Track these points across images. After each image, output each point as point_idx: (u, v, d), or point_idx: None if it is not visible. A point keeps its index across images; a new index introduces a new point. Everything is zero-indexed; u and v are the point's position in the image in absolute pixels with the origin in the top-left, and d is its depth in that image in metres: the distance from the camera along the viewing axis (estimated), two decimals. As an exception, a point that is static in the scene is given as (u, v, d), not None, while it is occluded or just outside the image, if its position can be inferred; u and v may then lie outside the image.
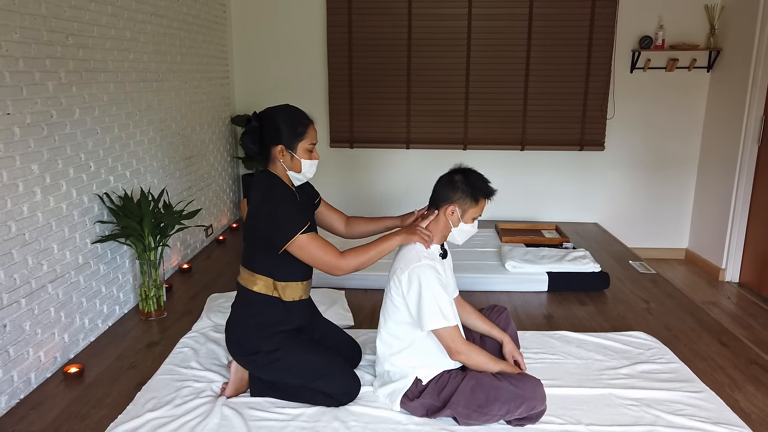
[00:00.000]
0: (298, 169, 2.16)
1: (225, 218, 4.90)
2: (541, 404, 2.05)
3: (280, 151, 2.13)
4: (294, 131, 2.12)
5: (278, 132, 2.11)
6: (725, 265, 4.71)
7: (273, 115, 2.14)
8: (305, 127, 2.15)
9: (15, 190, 2.31)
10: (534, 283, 3.58)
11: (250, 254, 2.20)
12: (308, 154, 2.16)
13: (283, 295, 2.19)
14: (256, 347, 2.18)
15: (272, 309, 2.19)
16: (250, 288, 2.19)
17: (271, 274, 2.17)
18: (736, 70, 4.57)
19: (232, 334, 2.24)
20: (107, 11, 2.97)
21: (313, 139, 2.18)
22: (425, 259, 2.08)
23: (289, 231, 2.05)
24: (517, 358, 2.27)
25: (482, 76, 4.96)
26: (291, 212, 2.08)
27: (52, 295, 2.56)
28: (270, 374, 2.22)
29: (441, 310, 2.02)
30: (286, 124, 2.12)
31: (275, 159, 2.15)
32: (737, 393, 2.43)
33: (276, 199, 2.09)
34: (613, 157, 5.12)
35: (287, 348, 2.18)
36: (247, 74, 5.11)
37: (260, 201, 2.12)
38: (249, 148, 2.15)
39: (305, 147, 2.15)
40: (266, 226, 2.07)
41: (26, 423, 2.18)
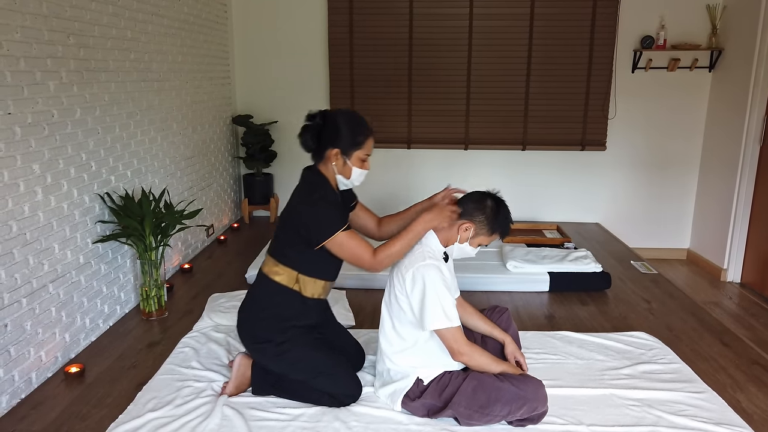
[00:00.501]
0: (348, 176, 2.19)
1: (226, 218, 4.90)
2: (543, 405, 2.05)
3: (336, 154, 2.14)
4: (354, 139, 2.14)
5: (338, 136, 2.13)
6: (727, 266, 4.70)
7: (337, 118, 2.15)
8: (365, 137, 2.17)
9: (16, 189, 2.31)
10: (535, 283, 3.57)
11: (279, 245, 2.21)
12: (360, 164, 2.18)
13: (303, 290, 2.19)
14: (267, 337, 2.19)
15: (290, 302, 2.20)
16: (272, 278, 2.20)
17: (297, 268, 2.18)
18: (737, 70, 4.56)
19: (246, 320, 2.25)
20: (108, 11, 2.97)
21: (369, 150, 2.19)
22: (430, 259, 2.08)
23: (330, 229, 2.07)
24: (519, 358, 2.27)
25: (484, 76, 4.96)
26: (332, 211, 2.11)
27: (53, 294, 2.55)
28: (276, 366, 2.23)
29: (444, 310, 2.02)
30: (347, 130, 2.14)
31: (328, 160, 2.16)
32: (739, 393, 2.42)
33: (320, 198, 2.12)
34: (615, 157, 5.11)
35: (297, 342, 2.20)
36: (248, 74, 5.11)
37: (304, 197, 2.14)
38: (307, 143, 2.17)
39: (359, 156, 2.17)
40: (307, 222, 2.09)
41: (27, 423, 2.18)
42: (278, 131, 5.17)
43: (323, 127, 2.15)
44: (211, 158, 4.49)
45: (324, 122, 2.15)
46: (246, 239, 4.61)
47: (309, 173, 2.21)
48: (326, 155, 2.16)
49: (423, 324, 2.05)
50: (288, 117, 5.16)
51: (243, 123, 4.88)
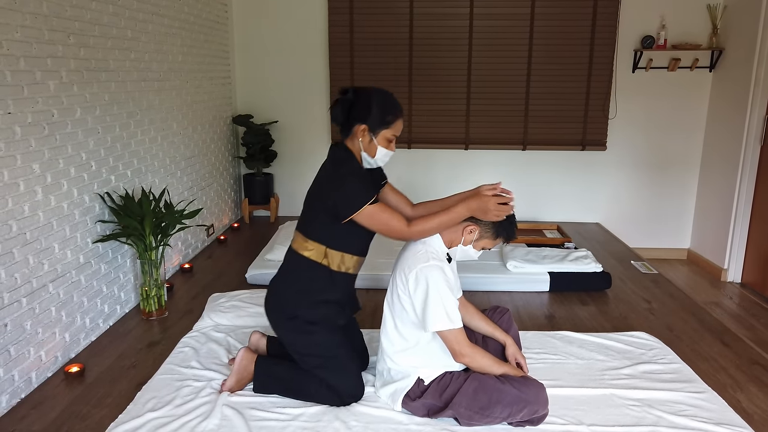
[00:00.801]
0: (373, 154, 2.17)
1: (226, 218, 4.90)
2: (544, 408, 2.05)
3: (363, 130, 2.13)
4: (383, 117, 2.12)
5: (369, 112, 2.12)
6: (727, 266, 4.70)
7: (370, 95, 2.14)
8: (395, 117, 2.15)
9: (16, 189, 2.31)
10: (535, 283, 3.57)
11: (308, 220, 2.21)
12: (387, 143, 2.17)
13: (331, 263, 2.18)
14: (294, 312, 2.19)
15: (318, 276, 2.19)
16: (301, 253, 2.20)
17: (326, 242, 2.17)
18: (738, 70, 4.56)
19: (274, 295, 2.26)
20: (109, 10, 2.97)
21: (397, 131, 2.18)
22: (433, 260, 2.07)
23: (356, 202, 2.06)
24: (520, 360, 2.26)
25: (484, 76, 4.96)
26: (359, 185, 2.09)
27: (53, 294, 2.55)
28: (295, 343, 2.23)
29: (447, 312, 2.01)
30: (378, 108, 2.12)
31: (355, 136, 2.15)
32: (739, 393, 2.42)
33: (347, 172, 2.11)
34: (615, 157, 5.11)
35: (325, 327, 2.20)
36: (248, 74, 5.11)
37: (331, 171, 2.14)
38: (336, 117, 2.16)
39: (386, 136, 2.15)
40: (334, 196, 2.09)
41: (27, 422, 2.18)
42: (278, 131, 5.17)
43: (354, 102, 2.14)
44: (211, 158, 4.49)
45: (356, 97, 2.14)
46: (246, 239, 4.61)
47: (336, 149, 2.20)
48: (354, 130, 2.14)
49: (425, 325, 2.04)
50: (288, 117, 5.16)
51: (243, 123, 4.88)
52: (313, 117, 5.16)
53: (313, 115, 5.16)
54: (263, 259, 3.77)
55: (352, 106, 2.13)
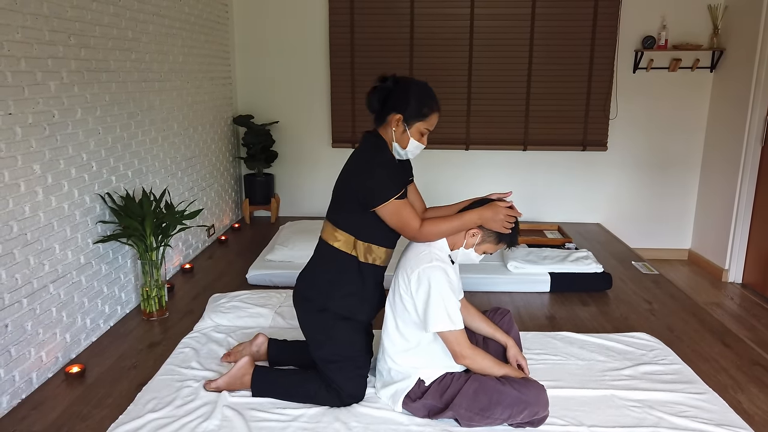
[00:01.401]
0: (404, 145, 2.16)
1: (227, 218, 4.90)
2: (544, 410, 2.05)
3: (398, 120, 2.11)
4: (419, 109, 2.11)
5: (406, 102, 2.10)
6: (728, 266, 4.69)
7: (408, 85, 2.13)
8: (431, 110, 2.13)
9: (17, 190, 2.31)
10: (536, 284, 3.57)
11: (337, 209, 2.20)
12: (419, 137, 2.15)
13: (360, 255, 2.18)
14: (325, 304, 2.19)
15: (346, 266, 2.18)
16: (330, 243, 2.20)
17: (355, 233, 2.16)
18: (739, 70, 4.56)
19: (304, 286, 2.25)
20: (109, 11, 2.97)
21: (431, 125, 2.16)
22: (436, 261, 2.07)
23: (384, 194, 2.05)
24: (521, 361, 2.26)
25: (485, 76, 4.96)
26: (390, 176, 2.09)
27: (53, 295, 2.56)
28: (318, 336, 2.22)
29: (448, 313, 2.01)
30: (416, 99, 2.11)
31: (389, 125, 2.14)
32: (740, 394, 2.42)
33: (380, 162, 2.10)
34: (616, 157, 5.11)
35: (350, 324, 2.20)
36: (249, 74, 5.11)
37: (363, 159, 2.13)
38: (372, 104, 2.15)
39: (420, 129, 2.14)
40: (363, 185, 2.08)
41: (28, 423, 2.18)
42: (279, 131, 5.17)
43: (392, 90, 2.12)
44: (212, 158, 4.49)
45: (394, 86, 2.13)
46: (247, 239, 4.61)
47: (369, 136, 2.19)
48: (388, 119, 2.13)
49: (426, 326, 2.04)
50: (289, 117, 5.16)
51: (244, 123, 4.88)
52: (314, 117, 5.16)
53: (314, 115, 5.16)
54: (264, 259, 3.77)
55: (389, 94, 2.12)
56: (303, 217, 5.24)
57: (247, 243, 4.50)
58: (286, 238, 3.92)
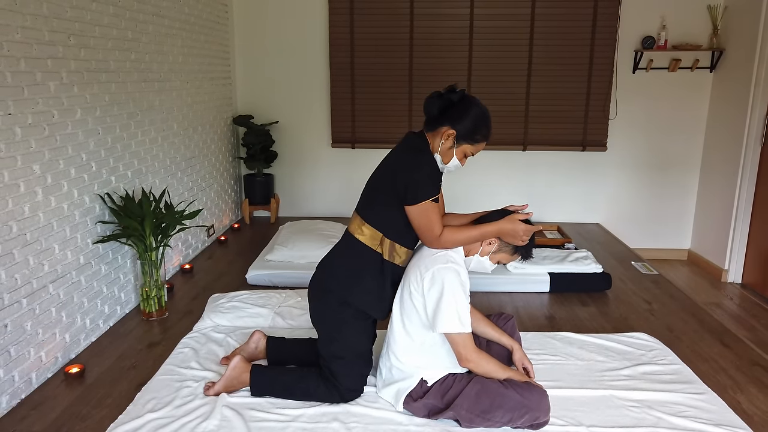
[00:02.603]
0: (447, 160, 2.17)
1: (226, 218, 4.90)
2: (545, 416, 2.05)
3: (450, 135, 2.12)
4: (473, 132, 2.13)
5: (463, 120, 2.11)
6: (728, 266, 4.69)
7: (471, 105, 2.14)
8: (483, 138, 2.16)
9: (16, 190, 2.32)
10: (536, 284, 3.57)
11: (369, 204, 2.20)
12: (462, 157, 2.17)
13: (384, 252, 2.17)
14: (344, 298, 2.18)
15: (370, 262, 2.18)
16: (356, 236, 2.19)
17: (384, 230, 2.16)
18: (739, 71, 4.56)
19: (324, 275, 2.24)
20: (109, 11, 2.97)
21: (476, 151, 2.19)
22: (452, 263, 2.07)
23: (424, 194, 2.06)
24: (527, 365, 2.26)
25: (484, 76, 4.96)
26: (433, 177, 2.10)
27: (53, 295, 2.56)
28: (330, 327, 2.22)
29: (459, 315, 2.01)
30: (472, 121, 2.12)
31: (439, 135, 2.14)
32: (739, 395, 2.42)
33: (426, 162, 2.11)
34: (616, 157, 5.11)
35: (366, 324, 2.22)
36: (249, 74, 5.11)
37: (406, 157, 2.13)
38: (431, 109, 2.15)
39: (466, 150, 2.16)
40: (406, 180, 2.07)
41: (27, 423, 2.18)
42: (279, 131, 5.18)
43: (455, 104, 2.13)
44: (211, 158, 4.49)
45: (459, 101, 2.14)
46: (246, 240, 4.61)
47: (416, 137, 2.20)
48: (441, 130, 2.14)
49: (434, 326, 2.04)
50: (289, 117, 5.16)
51: (244, 123, 4.88)
52: (314, 117, 5.16)
53: (314, 115, 5.16)
54: (263, 259, 3.77)
55: (452, 106, 2.13)
56: (303, 217, 5.24)
57: (246, 243, 4.50)
58: (286, 239, 3.92)
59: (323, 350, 2.25)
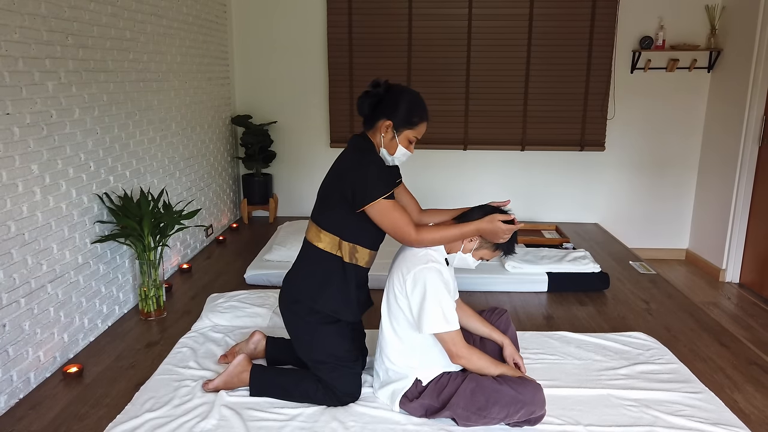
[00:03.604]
0: (392, 151, 2.17)
1: (225, 218, 4.90)
2: (541, 409, 2.05)
3: (387, 126, 2.13)
4: (409, 117, 2.14)
5: (396, 110, 2.13)
6: (725, 266, 4.70)
7: (400, 93, 2.15)
8: (420, 119, 2.16)
9: (14, 190, 2.32)
10: (534, 284, 3.58)
11: (322, 210, 2.21)
12: (407, 144, 2.18)
13: (345, 255, 2.18)
14: (312, 306, 2.18)
15: (332, 267, 2.18)
16: (315, 244, 2.20)
17: (340, 233, 2.17)
18: (736, 71, 4.57)
19: (290, 287, 2.25)
20: (107, 11, 2.97)
21: (419, 134, 2.19)
22: (432, 262, 2.08)
23: (374, 193, 2.06)
24: (518, 360, 2.27)
25: (483, 76, 4.96)
26: (379, 176, 2.09)
27: (51, 294, 2.56)
28: (306, 339, 2.22)
29: (444, 313, 2.02)
30: (406, 107, 2.13)
31: (378, 130, 2.15)
32: (737, 394, 2.43)
33: (370, 161, 2.11)
34: (614, 157, 5.12)
35: (338, 327, 2.21)
36: (247, 74, 5.11)
37: (351, 159, 2.15)
38: (363, 108, 2.16)
39: (408, 136, 2.16)
40: (353, 183, 2.08)
41: (25, 423, 2.18)
42: (277, 131, 5.18)
43: (383, 97, 2.14)
44: (210, 158, 4.49)
45: (386, 93, 2.15)
46: (245, 239, 4.61)
47: (358, 139, 2.20)
48: (378, 125, 2.15)
49: (420, 327, 2.04)
50: (287, 117, 5.17)
51: (242, 123, 4.88)
52: (312, 117, 5.16)
53: (312, 115, 5.16)
54: (262, 259, 3.77)
55: (380, 100, 2.14)
56: (301, 217, 5.24)
57: (245, 243, 4.51)
58: (284, 238, 3.92)
59: (305, 359, 2.26)
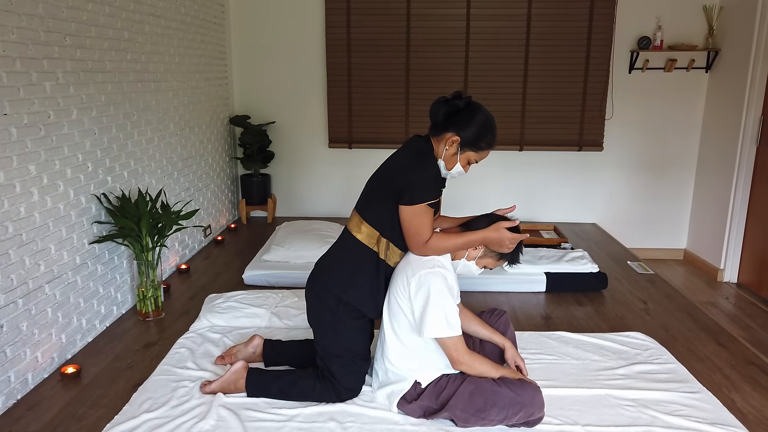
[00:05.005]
0: (450, 166, 2.16)
1: (223, 219, 4.90)
2: (539, 411, 2.05)
3: (454, 141, 2.12)
4: (478, 140, 2.12)
5: (467, 127, 2.11)
6: (723, 266, 4.71)
7: (476, 112, 2.13)
8: (487, 145, 2.15)
9: (12, 190, 2.31)
10: (532, 284, 3.58)
11: (368, 202, 2.20)
12: (465, 163, 2.17)
13: (381, 251, 2.18)
14: (341, 296, 2.18)
15: (367, 260, 2.18)
16: (354, 234, 2.20)
17: (381, 229, 2.16)
18: (734, 71, 4.57)
19: (322, 275, 2.24)
20: (105, 11, 2.97)
21: (480, 158, 2.18)
22: (438, 267, 2.08)
23: (424, 195, 2.06)
24: (519, 363, 2.27)
25: (481, 77, 4.97)
26: (434, 181, 2.11)
27: (49, 295, 2.55)
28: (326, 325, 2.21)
29: (447, 318, 2.02)
30: (477, 128, 2.11)
31: (444, 141, 2.14)
32: (734, 393, 2.43)
33: (430, 165, 2.12)
34: (612, 157, 5.12)
35: (363, 323, 2.22)
36: (245, 74, 5.11)
37: (412, 157, 2.14)
38: (437, 115, 2.15)
39: (470, 157, 2.15)
40: (408, 179, 2.07)
41: (23, 423, 2.18)
42: (276, 131, 5.18)
43: (460, 111, 2.13)
44: (208, 159, 4.49)
45: (464, 107, 2.14)
46: (243, 240, 4.61)
47: (421, 141, 2.19)
48: (445, 136, 2.13)
49: (422, 331, 2.04)
50: (286, 117, 5.16)
51: (240, 123, 4.88)
52: (311, 117, 5.16)
53: (311, 115, 5.16)
54: (260, 259, 3.77)
55: (457, 112, 2.13)
56: (300, 217, 5.24)
57: (243, 243, 4.50)
58: (283, 239, 3.92)
59: (320, 349, 2.25)
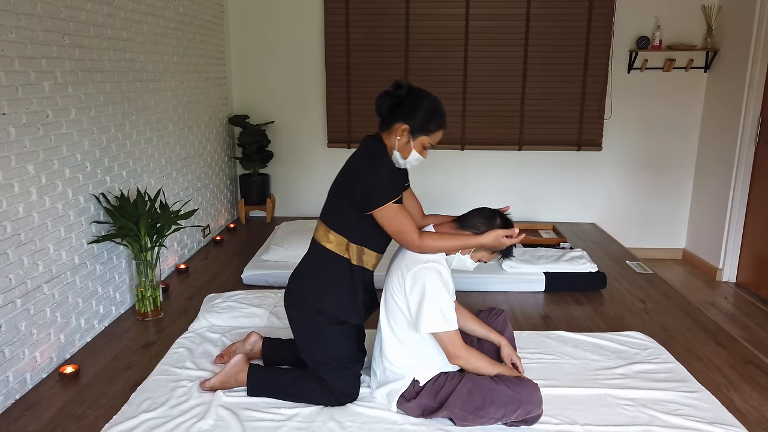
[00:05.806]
0: (406, 155, 2.16)
1: (222, 218, 4.89)
2: (538, 408, 2.06)
3: (404, 130, 2.11)
4: (427, 123, 2.11)
5: (414, 114, 2.10)
6: (722, 265, 4.71)
7: (420, 97, 2.13)
8: (438, 126, 2.14)
9: (10, 190, 2.31)
10: (531, 284, 3.58)
11: (331, 210, 2.19)
12: (421, 149, 2.16)
13: (352, 258, 2.17)
14: (318, 306, 2.18)
15: (338, 268, 2.18)
16: (323, 244, 2.20)
17: (348, 235, 2.16)
18: (733, 70, 4.58)
19: (297, 286, 2.25)
20: (103, 11, 2.96)
21: (435, 141, 2.17)
22: (432, 262, 2.08)
23: (383, 197, 2.05)
24: (515, 361, 2.27)
25: (480, 77, 4.97)
26: (389, 180, 2.09)
27: (47, 295, 2.55)
28: (311, 339, 2.21)
29: (443, 313, 2.02)
30: (424, 113, 2.11)
31: (393, 133, 2.14)
32: (733, 393, 2.43)
33: (381, 165, 2.10)
34: (611, 157, 5.12)
35: (343, 329, 2.21)
36: (244, 74, 5.11)
37: (363, 160, 2.13)
38: (381, 108, 2.15)
39: (423, 142, 2.15)
40: (363, 186, 2.07)
41: (22, 423, 2.18)
42: (275, 131, 5.17)
43: (403, 99, 2.13)
44: (207, 158, 4.49)
45: (407, 96, 2.13)
46: (242, 240, 4.61)
47: (372, 140, 2.19)
48: (394, 127, 2.13)
49: (418, 326, 2.04)
50: (285, 117, 5.16)
51: (239, 123, 4.88)
52: (310, 117, 5.16)
53: (310, 115, 5.16)
54: (259, 259, 3.77)
55: (400, 102, 2.12)
56: (299, 217, 5.24)
57: (242, 243, 4.50)
58: (282, 239, 3.92)
59: (307, 358, 2.26)
